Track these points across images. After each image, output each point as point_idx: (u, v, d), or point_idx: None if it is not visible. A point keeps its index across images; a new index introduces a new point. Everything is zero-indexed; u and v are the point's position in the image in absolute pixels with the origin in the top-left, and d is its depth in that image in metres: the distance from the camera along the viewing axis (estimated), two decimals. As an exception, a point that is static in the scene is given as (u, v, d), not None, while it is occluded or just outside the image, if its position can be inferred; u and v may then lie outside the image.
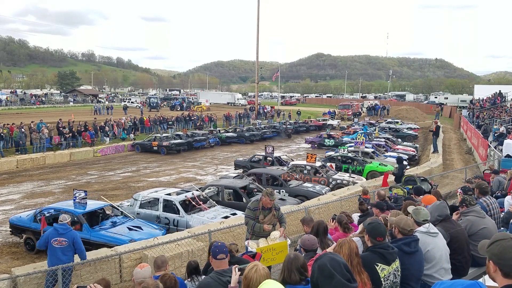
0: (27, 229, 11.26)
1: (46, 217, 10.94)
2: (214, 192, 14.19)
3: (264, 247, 6.46)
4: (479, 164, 20.35)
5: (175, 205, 12.22)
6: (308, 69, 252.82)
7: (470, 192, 7.40)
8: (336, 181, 17.05)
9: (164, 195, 12.75)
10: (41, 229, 9.97)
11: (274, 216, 7.20)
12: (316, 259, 3.16)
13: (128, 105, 60.74)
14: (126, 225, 11.11)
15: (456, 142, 31.42)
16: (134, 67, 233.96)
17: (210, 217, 11.82)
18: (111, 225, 11.05)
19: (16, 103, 67.29)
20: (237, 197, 13.91)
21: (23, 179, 19.89)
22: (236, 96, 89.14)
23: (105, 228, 10.84)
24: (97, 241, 10.27)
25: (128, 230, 10.83)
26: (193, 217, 11.84)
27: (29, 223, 11.29)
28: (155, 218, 12.19)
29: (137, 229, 10.98)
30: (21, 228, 11.43)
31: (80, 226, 10.55)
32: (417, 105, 69.14)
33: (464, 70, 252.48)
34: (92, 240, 10.29)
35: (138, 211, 12.59)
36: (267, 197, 6.99)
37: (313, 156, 17.99)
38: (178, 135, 30.52)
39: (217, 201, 13.57)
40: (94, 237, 10.40)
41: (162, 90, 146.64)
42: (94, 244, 10.07)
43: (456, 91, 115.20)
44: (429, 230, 4.78)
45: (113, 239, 10.29)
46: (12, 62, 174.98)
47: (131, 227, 11.01)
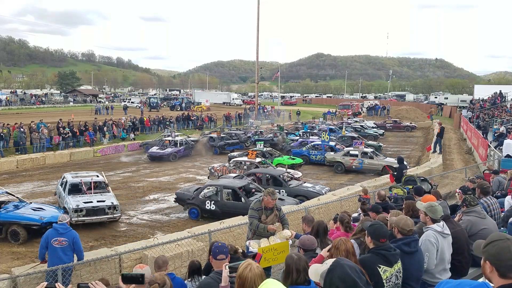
0: None
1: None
2: (213, 192, 14.22)
3: (265, 247, 6.45)
4: (479, 164, 20.35)
5: (66, 186, 13.99)
6: (308, 69, 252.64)
7: (470, 192, 7.40)
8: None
9: (70, 178, 14.55)
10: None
11: (276, 217, 7.20)
12: (331, 269, 3.09)
13: (128, 105, 60.79)
14: (29, 207, 12.34)
15: (456, 142, 31.45)
16: (134, 67, 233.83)
17: (78, 200, 13.21)
18: (15, 208, 12.11)
19: (16, 103, 67.26)
20: (236, 197, 13.93)
21: (23, 179, 19.89)
22: (231, 96, 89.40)
23: (11, 210, 11.91)
24: (8, 220, 11.57)
25: (32, 211, 12.07)
26: (69, 198, 13.35)
27: None
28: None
29: (40, 209, 12.30)
30: None
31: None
32: (417, 105, 69.23)
33: (464, 70, 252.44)
34: (1, 220, 11.57)
35: (59, 190, 14.65)
36: (268, 196, 6.98)
37: (254, 153, 19.70)
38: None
39: (216, 201, 13.65)
40: (3, 218, 11.59)
41: (162, 90, 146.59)
42: (4, 224, 11.55)
43: (456, 91, 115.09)
44: (444, 230, 4.78)
45: (24, 218, 11.64)
46: (12, 62, 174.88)
47: (35, 208, 12.30)
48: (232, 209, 13.41)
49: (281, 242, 6.57)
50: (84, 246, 9.22)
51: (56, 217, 11.06)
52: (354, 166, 21.79)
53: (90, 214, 12.83)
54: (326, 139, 23.93)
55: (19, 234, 11.53)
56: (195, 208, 14.02)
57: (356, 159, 21.79)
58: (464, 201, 6.04)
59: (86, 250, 9.53)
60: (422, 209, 5.02)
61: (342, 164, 22.02)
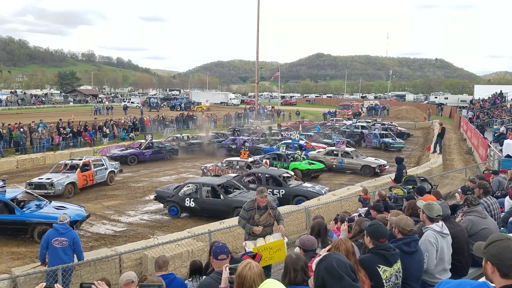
0: None
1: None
2: (193, 189, 14.50)
3: (260, 246, 6.47)
4: (479, 164, 20.35)
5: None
6: (308, 69, 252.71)
7: (469, 192, 7.39)
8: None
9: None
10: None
11: (270, 215, 7.21)
12: (321, 260, 3.14)
13: (128, 105, 60.83)
14: (52, 206, 12.25)
15: (456, 142, 31.45)
16: (134, 67, 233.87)
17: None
18: (38, 207, 12.04)
19: (16, 103, 67.31)
20: (215, 194, 14.13)
21: (23, 179, 19.84)
22: (229, 96, 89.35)
23: (34, 210, 11.83)
24: (33, 220, 11.50)
25: (56, 210, 11.91)
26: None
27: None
28: None
29: (63, 208, 12.15)
30: None
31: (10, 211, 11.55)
32: (417, 105, 69.21)
33: (464, 70, 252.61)
34: (28, 220, 11.47)
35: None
36: (258, 195, 7.10)
37: (246, 153, 19.66)
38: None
39: (195, 198, 13.96)
40: (29, 217, 11.51)
41: (162, 90, 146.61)
42: (30, 224, 11.47)
43: (456, 91, 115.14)
44: (443, 230, 4.79)
45: (50, 217, 11.35)
46: (12, 62, 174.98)
47: (57, 207, 12.20)
48: (211, 206, 13.83)
49: (276, 240, 6.59)
50: (84, 246, 9.23)
51: (80, 215, 12.20)
52: (334, 165, 22.23)
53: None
54: (297, 138, 24.47)
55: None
56: (175, 205, 14.25)
57: (336, 158, 22.28)
58: (465, 201, 6.04)
59: (86, 250, 9.53)
60: (421, 207, 5.05)
61: (324, 163, 22.25)
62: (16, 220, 11.46)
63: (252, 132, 33.45)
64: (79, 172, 17.47)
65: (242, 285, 3.06)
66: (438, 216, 4.84)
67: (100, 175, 18.70)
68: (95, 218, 14.03)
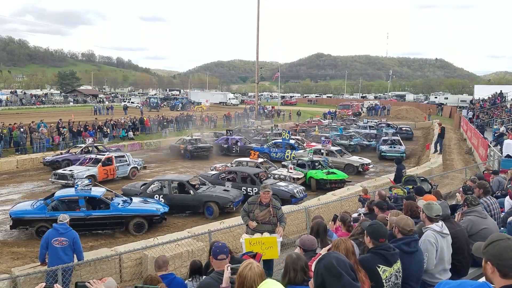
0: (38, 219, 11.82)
1: (58, 203, 12.21)
2: (161, 186, 14.92)
3: (252, 238, 6.58)
4: (479, 164, 20.36)
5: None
6: (308, 69, 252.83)
7: (470, 191, 7.39)
8: (273, 176, 17.60)
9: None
10: None
11: (270, 213, 7.30)
12: (320, 259, 3.14)
13: (128, 105, 60.83)
14: (137, 201, 13.16)
15: (456, 142, 31.46)
16: (134, 67, 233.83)
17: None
18: (125, 202, 12.85)
19: (16, 103, 67.31)
20: (184, 190, 14.62)
21: (23, 179, 19.88)
22: (228, 96, 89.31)
23: (126, 205, 12.66)
24: (130, 214, 12.34)
25: (144, 204, 13.00)
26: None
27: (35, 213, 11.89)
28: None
29: (147, 202, 13.19)
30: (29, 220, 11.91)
31: (105, 206, 12.34)
32: (417, 105, 69.30)
33: (464, 70, 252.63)
34: (124, 214, 12.29)
35: None
36: (261, 191, 7.33)
37: (256, 153, 19.38)
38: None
39: (164, 194, 14.35)
40: (126, 212, 12.34)
41: (162, 90, 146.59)
42: (127, 217, 12.26)
43: (456, 91, 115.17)
44: (442, 230, 4.79)
45: (145, 210, 12.58)
46: (12, 62, 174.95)
47: (143, 201, 13.21)
48: (181, 201, 14.35)
49: (269, 236, 6.62)
50: (84, 246, 9.23)
51: (161, 205, 13.18)
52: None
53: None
54: (287, 137, 24.55)
55: (143, 225, 12.43)
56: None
57: (321, 157, 22.29)
58: (465, 201, 6.04)
59: (86, 250, 9.53)
60: (421, 206, 5.06)
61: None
62: (114, 215, 12.23)
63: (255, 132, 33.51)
64: (100, 166, 18.67)
65: (242, 285, 3.07)
66: (437, 216, 4.84)
67: (122, 170, 19.78)
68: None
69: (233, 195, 14.46)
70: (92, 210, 12.24)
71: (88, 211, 12.11)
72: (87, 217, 11.99)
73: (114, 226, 12.41)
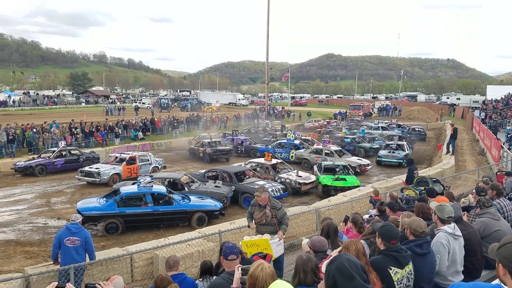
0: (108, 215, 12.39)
1: (125, 199, 12.84)
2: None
3: (248, 241, 6.69)
4: (492, 165, 20.12)
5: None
6: (318, 70, 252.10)
7: (483, 193, 7.32)
8: (280, 179, 17.59)
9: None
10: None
11: (266, 215, 7.39)
12: (332, 260, 3.14)
13: (139, 106, 61.20)
14: (195, 197, 13.90)
15: (468, 143, 31.14)
16: (145, 68, 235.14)
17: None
18: (184, 199, 13.57)
19: (29, 104, 68.06)
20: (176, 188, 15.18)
21: (36, 179, 20.07)
22: (237, 97, 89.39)
23: (187, 201, 13.44)
24: (193, 209, 13.14)
25: (201, 200, 13.78)
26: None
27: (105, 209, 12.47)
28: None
29: (202, 198, 13.93)
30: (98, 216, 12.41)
31: (169, 202, 13.07)
32: (429, 105, 68.74)
33: (476, 70, 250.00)
34: (188, 209, 13.07)
35: None
36: (256, 194, 7.43)
37: (269, 155, 19.34)
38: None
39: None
40: (189, 207, 13.13)
41: (172, 91, 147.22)
42: (190, 212, 13.06)
43: (468, 91, 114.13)
44: (455, 232, 4.74)
45: (206, 206, 13.41)
46: (25, 63, 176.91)
47: (200, 198, 13.96)
48: None
49: (261, 238, 6.74)
50: (96, 246, 9.29)
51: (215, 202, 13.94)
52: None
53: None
54: (292, 138, 24.70)
55: (204, 219, 13.15)
56: None
57: (320, 157, 22.63)
58: (478, 202, 5.99)
59: (98, 249, 9.59)
60: (433, 208, 5.02)
61: (308, 161, 23.02)
62: (180, 210, 12.98)
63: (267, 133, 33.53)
64: (124, 165, 19.58)
65: (254, 286, 3.08)
66: (449, 218, 4.80)
67: (144, 169, 20.58)
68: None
69: (226, 191, 15.09)
70: (159, 206, 12.91)
71: (155, 206, 12.82)
72: (154, 212, 12.71)
73: (178, 220, 13.07)
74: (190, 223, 13.06)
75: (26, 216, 14.33)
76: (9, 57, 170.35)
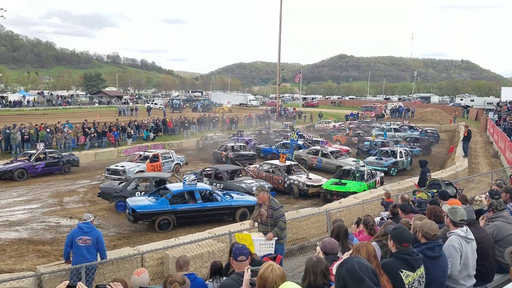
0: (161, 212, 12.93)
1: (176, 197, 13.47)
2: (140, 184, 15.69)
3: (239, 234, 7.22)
4: (506, 168, 19.85)
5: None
6: (330, 71, 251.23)
7: (497, 196, 7.22)
8: (290, 181, 17.62)
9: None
10: None
11: (259, 213, 7.53)
12: (342, 263, 3.13)
13: (151, 107, 61.59)
14: (236, 194, 14.75)
15: (482, 145, 30.77)
16: (158, 69, 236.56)
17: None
18: (229, 195, 14.36)
19: (43, 104, 68.90)
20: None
21: (49, 178, 20.31)
22: (248, 97, 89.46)
23: (230, 197, 14.23)
24: (238, 204, 13.91)
25: (241, 196, 14.58)
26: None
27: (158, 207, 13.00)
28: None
29: (243, 195, 14.81)
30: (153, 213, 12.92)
31: (214, 198, 13.80)
32: (443, 107, 68.11)
33: (490, 71, 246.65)
34: (234, 205, 13.87)
35: None
36: (255, 193, 7.82)
37: (284, 156, 19.31)
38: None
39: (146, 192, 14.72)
40: (234, 202, 13.96)
41: (184, 92, 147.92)
42: (235, 208, 13.84)
43: (482, 93, 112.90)
44: (467, 235, 4.69)
45: (248, 201, 13.97)
46: (40, 64, 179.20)
47: (240, 194, 14.88)
48: None
49: (246, 233, 7.01)
50: (107, 245, 9.37)
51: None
52: (314, 164, 23.11)
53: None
54: (295, 138, 24.46)
55: (246, 214, 13.68)
56: (123, 201, 14.47)
57: (316, 157, 23.11)
58: (490, 206, 5.91)
59: (110, 249, 9.66)
60: (445, 211, 4.97)
61: (306, 161, 23.10)
62: (226, 206, 13.77)
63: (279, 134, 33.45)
64: (148, 163, 20.37)
65: (263, 287, 3.08)
66: (462, 221, 4.74)
67: (167, 165, 21.42)
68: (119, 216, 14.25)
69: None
70: (207, 202, 13.63)
71: (204, 203, 13.53)
72: (203, 208, 13.40)
73: (224, 216, 13.74)
74: (234, 217, 13.75)
75: (39, 215, 14.50)
76: (24, 57, 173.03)
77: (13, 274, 7.74)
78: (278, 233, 7.37)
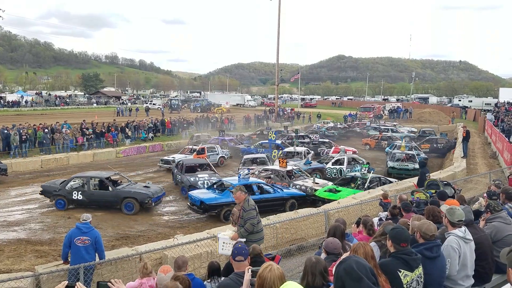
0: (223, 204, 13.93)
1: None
2: (80, 183, 15.32)
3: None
4: (504, 168, 19.88)
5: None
6: (329, 71, 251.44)
7: (495, 197, 7.23)
8: (295, 186, 16.62)
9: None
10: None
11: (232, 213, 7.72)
12: (341, 262, 3.13)
13: (150, 107, 61.53)
14: (278, 187, 15.84)
15: (480, 146, 30.81)
16: (156, 70, 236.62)
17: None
18: (278, 188, 15.54)
19: (41, 104, 68.70)
20: (103, 187, 15.23)
21: (47, 178, 20.23)
22: (245, 98, 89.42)
23: (281, 189, 15.50)
24: (289, 196, 15.22)
25: (289, 189, 15.92)
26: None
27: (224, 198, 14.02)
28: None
29: (289, 188, 16.11)
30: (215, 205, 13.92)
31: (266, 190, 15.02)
32: (441, 108, 68.16)
33: (488, 72, 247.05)
34: (285, 196, 15.11)
35: None
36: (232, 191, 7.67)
37: (284, 161, 18.90)
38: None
39: (83, 191, 14.90)
40: (286, 194, 15.24)
41: (183, 92, 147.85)
42: (286, 199, 15.08)
43: (480, 94, 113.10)
44: (466, 236, 4.70)
45: (296, 193, 15.61)
46: (38, 64, 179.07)
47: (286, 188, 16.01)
48: (100, 198, 15.03)
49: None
50: (105, 245, 9.36)
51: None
52: None
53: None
54: (273, 138, 24.92)
55: (295, 205, 14.87)
56: (62, 199, 14.92)
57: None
58: (488, 207, 5.92)
59: (108, 249, 9.66)
60: (444, 211, 4.98)
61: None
62: (279, 197, 14.99)
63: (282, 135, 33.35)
64: (195, 155, 22.85)
65: (262, 287, 3.08)
66: (460, 221, 4.75)
67: (212, 158, 23.43)
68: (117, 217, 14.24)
69: (152, 191, 15.12)
70: (264, 194, 14.80)
71: (261, 194, 14.67)
72: (262, 200, 14.08)
73: (276, 206, 14.53)
74: (284, 207, 14.59)
75: (37, 215, 14.47)
76: (22, 57, 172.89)
77: (11, 274, 7.73)
78: (243, 235, 7.19)
